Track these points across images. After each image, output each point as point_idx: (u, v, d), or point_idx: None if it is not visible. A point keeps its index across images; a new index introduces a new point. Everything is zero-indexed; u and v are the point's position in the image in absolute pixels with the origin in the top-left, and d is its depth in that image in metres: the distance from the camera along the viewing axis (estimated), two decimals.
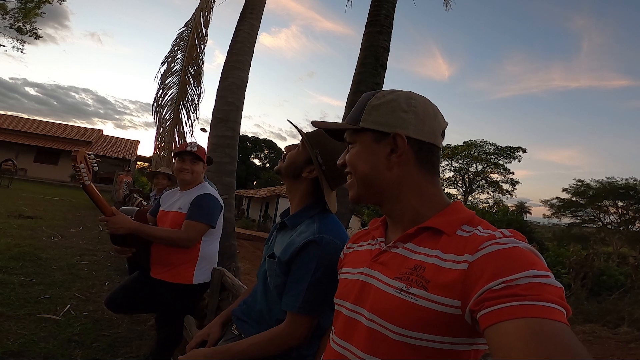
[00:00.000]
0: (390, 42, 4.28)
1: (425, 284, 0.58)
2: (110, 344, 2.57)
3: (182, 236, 1.85)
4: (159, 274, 1.94)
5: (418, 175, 0.69)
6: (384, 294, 0.63)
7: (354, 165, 0.73)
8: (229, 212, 3.69)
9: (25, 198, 10.92)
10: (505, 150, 31.41)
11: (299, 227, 1.06)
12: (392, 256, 0.67)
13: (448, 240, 0.61)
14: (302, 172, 1.10)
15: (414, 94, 0.72)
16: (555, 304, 0.45)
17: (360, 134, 0.73)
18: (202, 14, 4.72)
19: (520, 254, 0.52)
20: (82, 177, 1.54)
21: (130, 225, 1.74)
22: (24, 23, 19.70)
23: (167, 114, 4.74)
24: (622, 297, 8.13)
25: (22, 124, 25.93)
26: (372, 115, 0.71)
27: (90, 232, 6.99)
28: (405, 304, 0.59)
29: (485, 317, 0.48)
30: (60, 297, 3.26)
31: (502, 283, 0.48)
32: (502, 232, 0.58)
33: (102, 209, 1.70)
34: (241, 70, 4.35)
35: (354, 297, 0.69)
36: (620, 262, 11.60)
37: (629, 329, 6.34)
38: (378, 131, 0.70)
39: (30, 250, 4.61)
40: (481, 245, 0.56)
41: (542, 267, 0.50)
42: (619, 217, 23.82)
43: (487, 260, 0.53)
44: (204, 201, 1.95)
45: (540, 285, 0.47)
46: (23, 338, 2.40)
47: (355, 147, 0.73)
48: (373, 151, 0.70)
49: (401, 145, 0.67)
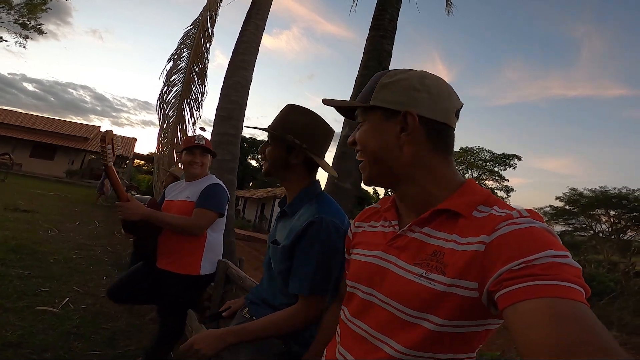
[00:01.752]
0: (393, 46, 4.33)
1: (443, 269, 0.58)
2: (110, 336, 2.57)
3: (194, 223, 1.88)
4: (165, 264, 1.96)
5: (430, 155, 0.67)
6: (403, 279, 0.63)
7: (363, 143, 0.72)
8: (229, 209, 3.72)
9: (21, 192, 10.83)
10: (500, 157, 31.67)
11: (297, 213, 1.10)
12: (409, 241, 0.66)
13: (465, 222, 0.60)
14: (289, 161, 1.14)
15: (428, 73, 0.71)
16: (574, 284, 0.45)
17: (371, 113, 0.72)
18: (208, 12, 4.76)
19: (537, 234, 0.52)
20: (108, 157, 1.60)
21: (144, 212, 1.76)
22: (29, 18, 19.63)
23: (170, 111, 4.75)
24: (611, 303, 8.24)
25: (19, 118, 25.72)
26: (382, 93, 0.70)
27: (87, 228, 6.96)
28: (425, 290, 0.59)
29: (503, 297, 0.48)
30: (58, 290, 3.25)
31: (521, 264, 0.48)
32: (520, 211, 0.57)
33: (119, 193, 1.73)
34: (246, 69, 4.38)
35: (369, 281, 0.69)
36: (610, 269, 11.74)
37: (618, 333, 6.45)
38: (389, 109, 0.69)
39: (28, 244, 4.59)
40: (498, 225, 0.55)
41: (560, 247, 0.50)
42: (610, 226, 24.06)
43: (504, 240, 0.53)
44: (214, 190, 1.98)
45: (559, 265, 0.47)
46: (22, 330, 2.39)
47: (364, 125, 0.73)
48: (383, 129, 0.69)
49: (411, 124, 0.66)
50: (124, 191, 1.73)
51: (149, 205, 1.91)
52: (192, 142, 2.05)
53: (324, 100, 0.81)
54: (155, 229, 1.93)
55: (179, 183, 2.22)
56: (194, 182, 2.08)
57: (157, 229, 1.94)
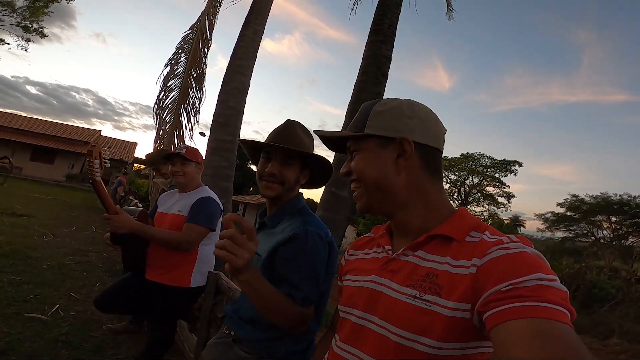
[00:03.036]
0: (392, 51, 4.33)
1: (439, 290, 0.59)
2: (98, 345, 2.51)
3: (184, 238, 1.84)
4: (155, 276, 1.92)
5: (425, 180, 0.70)
6: (396, 301, 0.63)
7: (361, 172, 0.72)
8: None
9: (19, 196, 10.79)
10: (501, 163, 31.63)
11: (280, 225, 1.08)
12: (402, 264, 0.67)
13: (458, 246, 0.62)
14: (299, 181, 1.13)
15: (414, 101, 0.74)
16: (559, 306, 0.46)
17: (365, 141, 0.72)
18: (207, 17, 4.76)
19: (527, 258, 0.53)
20: (94, 172, 1.57)
21: (132, 225, 1.73)
22: (31, 21, 19.75)
23: (167, 117, 4.74)
24: (612, 310, 8.18)
25: (19, 121, 25.78)
26: (377, 121, 0.71)
27: (83, 233, 6.91)
28: (419, 311, 0.59)
29: (491, 317, 0.49)
30: (49, 297, 3.20)
31: (508, 285, 0.49)
32: (510, 237, 0.59)
33: (107, 206, 1.69)
34: (243, 75, 4.37)
35: (364, 305, 0.69)
36: (612, 276, 11.64)
37: (619, 340, 6.37)
38: (384, 137, 0.70)
39: (21, 249, 4.53)
40: (489, 249, 0.57)
41: (548, 270, 0.51)
42: (612, 232, 23.98)
43: (494, 264, 0.55)
44: (204, 204, 1.94)
45: (545, 288, 0.48)
46: (9, 337, 2.34)
47: (360, 154, 0.73)
48: (380, 157, 0.70)
49: (408, 150, 0.68)
50: (112, 204, 1.70)
51: (138, 218, 1.87)
52: (173, 151, 2.02)
53: (315, 132, 0.81)
54: (144, 242, 1.89)
55: (171, 193, 2.19)
56: (185, 195, 2.05)
57: (145, 241, 1.89)
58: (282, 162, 1.09)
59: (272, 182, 1.09)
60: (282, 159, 1.09)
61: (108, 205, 1.69)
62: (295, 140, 1.10)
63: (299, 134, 1.12)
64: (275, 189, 1.09)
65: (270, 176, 1.09)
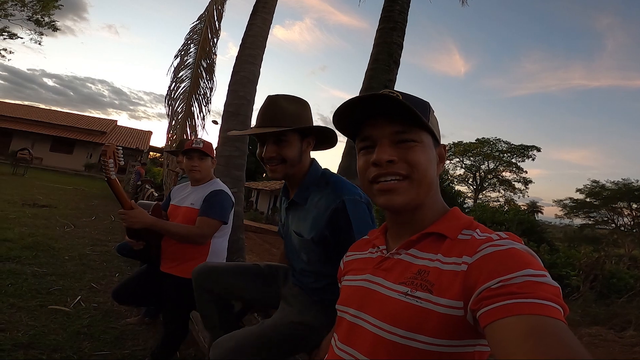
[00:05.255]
0: (404, 38, 4.19)
1: (430, 287, 0.59)
2: (118, 336, 2.59)
3: (197, 232, 1.87)
4: (169, 268, 1.97)
5: (437, 182, 0.72)
6: (389, 299, 0.63)
7: (422, 165, 0.66)
8: (237, 206, 3.70)
9: (40, 187, 11.16)
10: (519, 148, 30.87)
11: (310, 200, 1.07)
12: (395, 262, 0.68)
13: (450, 244, 0.63)
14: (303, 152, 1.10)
15: None
16: (551, 302, 0.46)
17: (426, 135, 0.69)
18: (215, 7, 4.69)
19: (516, 254, 0.53)
20: (109, 171, 1.63)
21: (147, 220, 1.75)
22: (42, 15, 19.97)
23: (179, 107, 4.75)
24: (630, 301, 7.98)
25: (39, 113, 26.50)
26: (433, 119, 0.72)
27: (102, 222, 7.11)
28: (411, 307, 0.59)
29: (483, 315, 0.49)
30: (71, 288, 3.31)
31: (499, 282, 0.49)
32: (499, 234, 0.60)
33: (122, 202, 1.72)
34: (253, 64, 4.31)
35: (358, 303, 0.69)
36: (631, 265, 11.30)
37: (635, 332, 6.22)
38: (435, 138, 0.71)
39: (44, 240, 4.69)
40: (479, 247, 0.58)
41: (538, 266, 0.51)
42: (632, 219, 23.27)
43: (485, 261, 0.55)
44: (217, 197, 1.96)
45: (535, 284, 0.48)
46: (33, 330, 2.43)
47: (419, 146, 0.66)
48: (433, 155, 0.70)
49: (444, 157, 0.73)
50: (127, 200, 1.73)
51: (152, 212, 1.91)
52: (190, 146, 2.01)
53: (359, 96, 0.67)
54: (158, 236, 1.94)
55: (184, 186, 2.21)
56: (198, 187, 2.07)
57: (161, 236, 1.94)
58: (275, 142, 1.08)
59: (275, 165, 1.08)
60: (274, 140, 1.08)
61: (123, 201, 1.72)
62: (280, 114, 1.07)
63: (283, 106, 1.08)
64: (280, 170, 1.08)
65: (270, 160, 1.08)
